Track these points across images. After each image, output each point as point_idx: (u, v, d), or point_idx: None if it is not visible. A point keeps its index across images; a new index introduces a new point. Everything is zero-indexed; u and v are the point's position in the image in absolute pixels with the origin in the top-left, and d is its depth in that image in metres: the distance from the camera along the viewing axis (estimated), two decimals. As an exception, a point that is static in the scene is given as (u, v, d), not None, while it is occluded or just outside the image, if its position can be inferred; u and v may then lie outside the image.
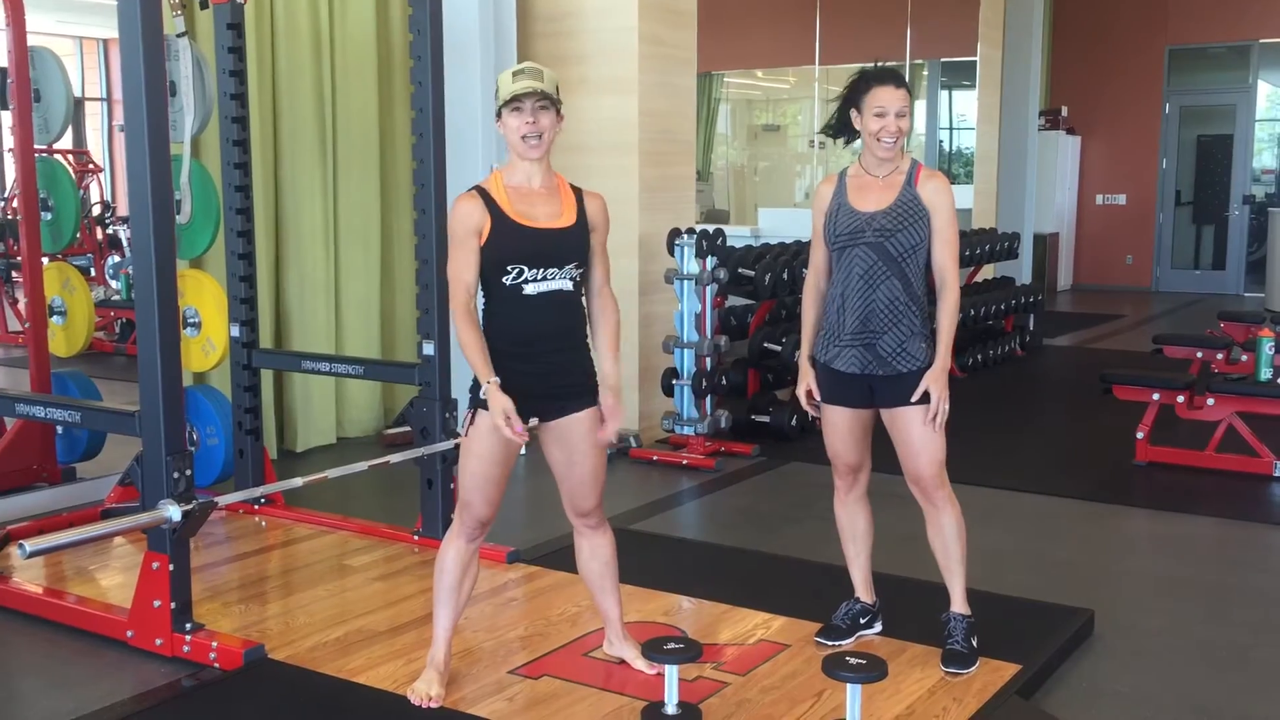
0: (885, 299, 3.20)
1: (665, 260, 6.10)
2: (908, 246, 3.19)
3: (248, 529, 4.62)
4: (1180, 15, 13.70)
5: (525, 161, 2.99)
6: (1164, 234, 14.29)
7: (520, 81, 2.93)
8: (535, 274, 2.95)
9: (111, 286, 9.44)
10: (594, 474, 3.11)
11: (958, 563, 3.31)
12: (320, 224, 5.99)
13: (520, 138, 2.95)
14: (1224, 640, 3.68)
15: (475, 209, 2.94)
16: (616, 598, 3.27)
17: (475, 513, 3.06)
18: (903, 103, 3.18)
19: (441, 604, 3.13)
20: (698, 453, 5.89)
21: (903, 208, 3.20)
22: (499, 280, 2.95)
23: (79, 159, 10.74)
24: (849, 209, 3.25)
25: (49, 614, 3.72)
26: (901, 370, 3.21)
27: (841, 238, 3.24)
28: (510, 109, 2.94)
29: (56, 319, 5.20)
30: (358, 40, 6.13)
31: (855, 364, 3.23)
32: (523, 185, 3.00)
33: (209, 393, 5.04)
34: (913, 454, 3.24)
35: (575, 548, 3.24)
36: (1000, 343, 8.91)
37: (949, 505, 3.29)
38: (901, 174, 3.24)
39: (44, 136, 5.17)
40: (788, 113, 15.54)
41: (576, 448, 3.07)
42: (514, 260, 2.93)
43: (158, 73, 3.30)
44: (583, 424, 3.06)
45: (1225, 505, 5.19)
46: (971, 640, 3.29)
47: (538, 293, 2.96)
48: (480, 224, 2.93)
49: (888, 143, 3.19)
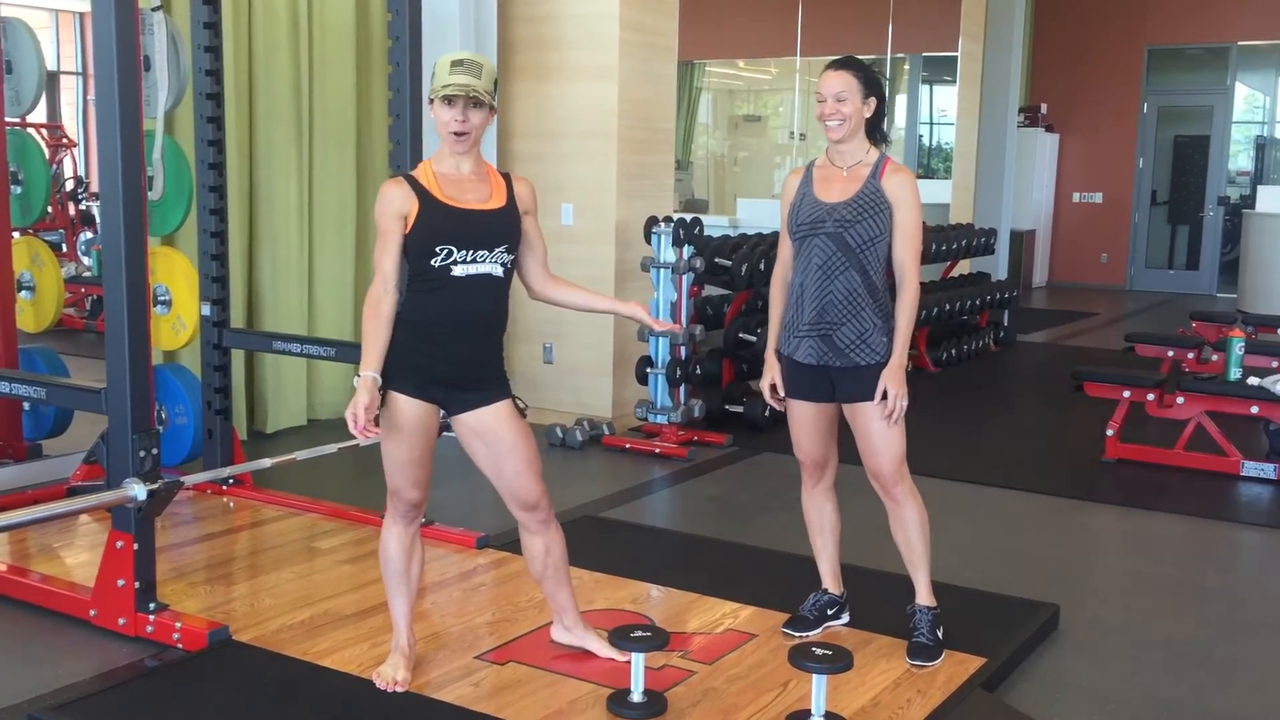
0: (843, 290, 3.19)
1: (642, 248, 6.09)
2: (866, 238, 3.18)
3: (215, 509, 4.59)
4: (1160, 16, 13.76)
5: (461, 153, 2.97)
6: (1139, 233, 14.38)
7: (456, 76, 2.88)
8: (464, 255, 2.91)
9: (83, 263, 9.36)
10: (528, 463, 3.03)
11: (921, 556, 3.33)
12: (295, 203, 5.94)
13: (450, 132, 2.92)
14: (1188, 636, 3.71)
15: (400, 194, 2.91)
16: (570, 588, 3.25)
17: (404, 496, 3.03)
18: (841, 85, 3.16)
19: (393, 591, 3.11)
20: (670, 441, 5.89)
21: (864, 199, 3.19)
22: (427, 263, 2.90)
23: (52, 133, 10.62)
24: (812, 199, 3.25)
25: (12, 592, 3.68)
26: (859, 363, 3.20)
27: (803, 227, 3.24)
28: (442, 101, 2.90)
29: (25, 294, 5.14)
30: (336, 19, 6.08)
31: (813, 355, 3.23)
32: (451, 172, 2.98)
33: (178, 371, 5.00)
34: (872, 449, 3.25)
35: (525, 547, 3.17)
36: (974, 338, 8.95)
37: (909, 499, 3.29)
38: (867, 167, 3.23)
39: (15, 109, 5.11)
40: (768, 104, 15.55)
41: (501, 438, 3.00)
42: (442, 241, 2.89)
43: (131, 46, 3.25)
44: (498, 414, 2.99)
45: (1193, 503, 5.23)
46: (937, 632, 3.31)
47: (466, 275, 2.91)
48: (405, 209, 2.90)
49: (831, 125, 3.19)
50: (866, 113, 3.21)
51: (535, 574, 3.22)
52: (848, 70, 3.18)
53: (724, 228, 9.98)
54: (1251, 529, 4.98)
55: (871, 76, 3.22)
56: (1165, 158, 14.35)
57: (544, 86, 6.33)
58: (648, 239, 5.95)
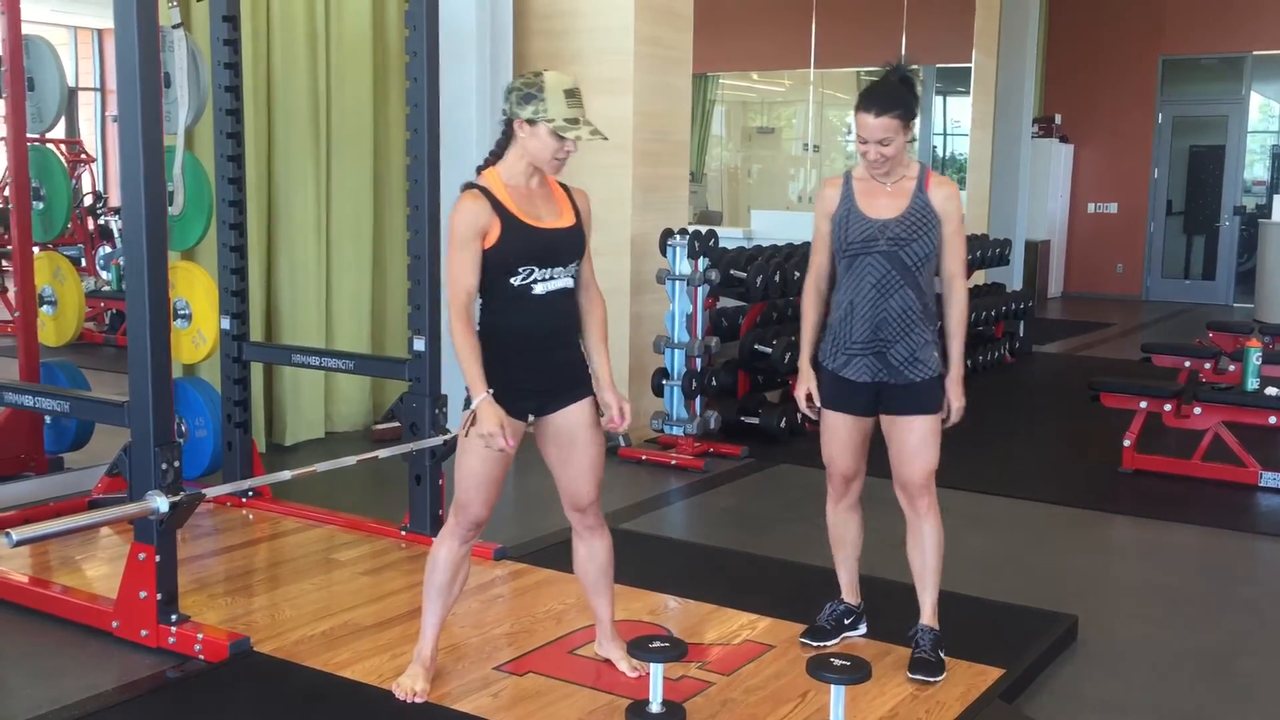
0: (898, 308, 3.16)
1: (657, 260, 6.11)
2: (922, 256, 3.15)
3: (235, 522, 4.62)
4: (1175, 26, 13.75)
5: (531, 167, 2.96)
6: (1154, 243, 14.34)
7: (576, 110, 2.89)
8: (545, 274, 2.95)
9: (102, 277, 9.41)
10: (593, 463, 3.10)
11: (933, 575, 3.31)
12: (313, 218, 5.98)
13: (553, 158, 2.92)
14: (1207, 648, 3.70)
15: (483, 210, 2.89)
16: (609, 600, 3.27)
17: (471, 513, 3.03)
18: (884, 132, 3.07)
19: (430, 601, 3.12)
20: (686, 453, 5.90)
21: (916, 216, 3.14)
22: (506, 281, 2.92)
23: (72, 149, 10.69)
24: (860, 215, 3.18)
25: (35, 604, 3.72)
26: (914, 379, 3.20)
27: (854, 246, 3.18)
28: (553, 131, 2.87)
29: (46, 308, 5.19)
30: (353, 35, 6.13)
31: (866, 373, 3.21)
32: (521, 186, 2.98)
33: (198, 385, 5.04)
34: (906, 459, 3.24)
35: (573, 549, 3.22)
36: (990, 349, 8.93)
37: (930, 514, 3.29)
38: (912, 180, 3.18)
39: (37, 125, 5.17)
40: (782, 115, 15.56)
41: (577, 436, 3.06)
42: (526, 261, 2.92)
43: (152, 64, 3.29)
44: (580, 413, 3.06)
45: (1210, 514, 5.21)
46: (939, 651, 3.28)
47: (546, 292, 2.96)
48: (487, 225, 2.89)
49: (876, 166, 3.15)
50: (908, 137, 3.14)
51: (579, 576, 3.26)
52: (888, 115, 3.07)
53: (738, 239, 9.99)
54: (1270, 540, 4.96)
55: (909, 105, 3.11)
56: (1180, 168, 14.32)
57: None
58: (663, 251, 5.97)
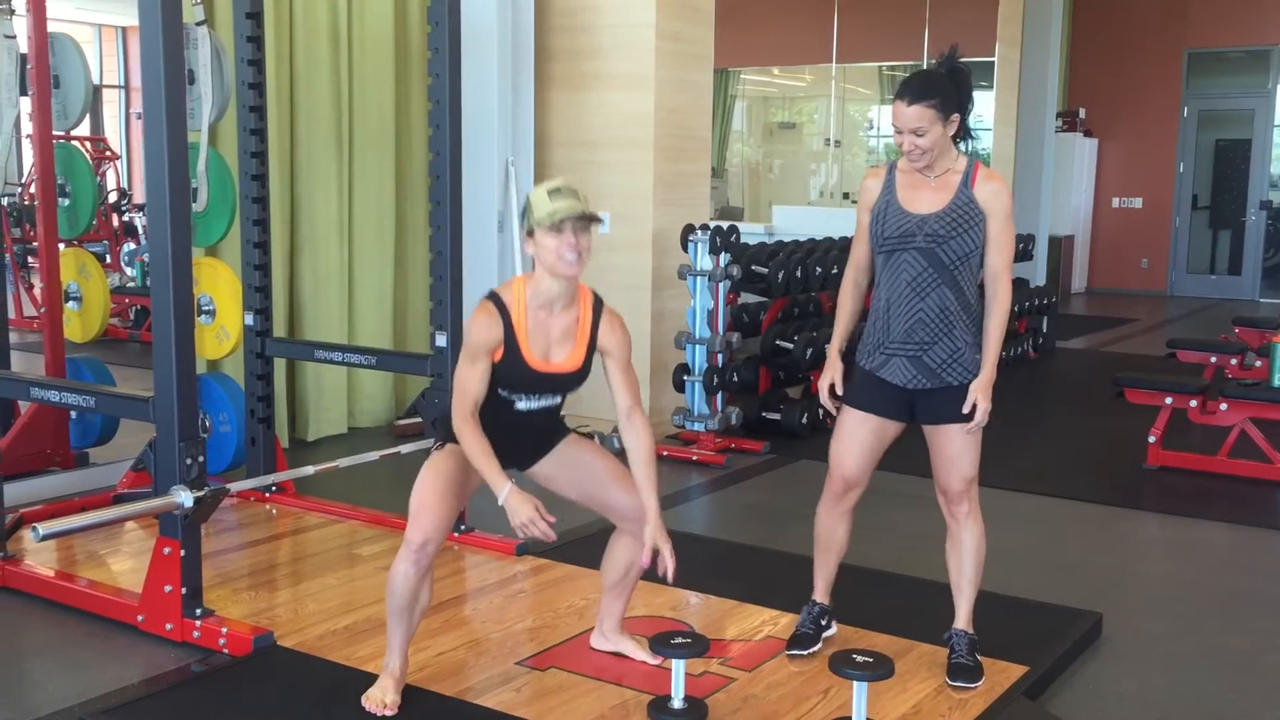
0: (935, 308, 3.03)
1: (679, 256, 6.10)
2: (961, 254, 3.01)
3: (258, 516, 4.64)
4: (1200, 18, 13.64)
5: (556, 278, 2.89)
6: (1180, 238, 14.24)
7: (559, 201, 2.81)
8: (533, 400, 3.00)
9: (127, 273, 9.47)
10: (612, 477, 3.11)
11: (970, 583, 3.23)
12: (335, 214, 6.00)
13: (558, 256, 2.83)
14: (1233, 646, 3.67)
15: (493, 329, 2.89)
16: (627, 599, 3.29)
17: (424, 527, 2.90)
18: (917, 121, 2.93)
19: (395, 621, 3.01)
20: (708, 449, 5.89)
21: (958, 211, 3.00)
22: (495, 390, 2.95)
23: (96, 146, 10.77)
24: (898, 209, 3.05)
25: (60, 597, 3.74)
26: (951, 383, 3.07)
27: (890, 241, 3.04)
28: (546, 230, 2.82)
29: (72, 304, 5.22)
30: (375, 31, 6.15)
31: (902, 376, 3.08)
32: (544, 308, 2.93)
33: (222, 380, 5.07)
34: (946, 466, 3.16)
35: (612, 550, 3.22)
36: (1014, 344, 8.89)
37: (971, 521, 3.20)
38: (958, 174, 3.02)
39: (62, 123, 5.20)
40: (804, 110, 15.52)
41: (584, 464, 3.11)
42: (513, 389, 2.96)
43: (177, 61, 3.31)
44: (568, 447, 3.11)
45: (1237, 510, 5.17)
46: (975, 655, 3.23)
47: (529, 409, 3.01)
48: (494, 345, 2.90)
49: (912, 157, 3.01)
50: (950, 130, 2.99)
51: (605, 568, 3.25)
52: (921, 104, 2.93)
53: (760, 235, 9.97)
54: (1297, 537, 4.91)
55: (949, 95, 2.96)
56: (1206, 162, 14.21)
57: (581, 95, 6.36)
58: (684, 247, 5.97)
